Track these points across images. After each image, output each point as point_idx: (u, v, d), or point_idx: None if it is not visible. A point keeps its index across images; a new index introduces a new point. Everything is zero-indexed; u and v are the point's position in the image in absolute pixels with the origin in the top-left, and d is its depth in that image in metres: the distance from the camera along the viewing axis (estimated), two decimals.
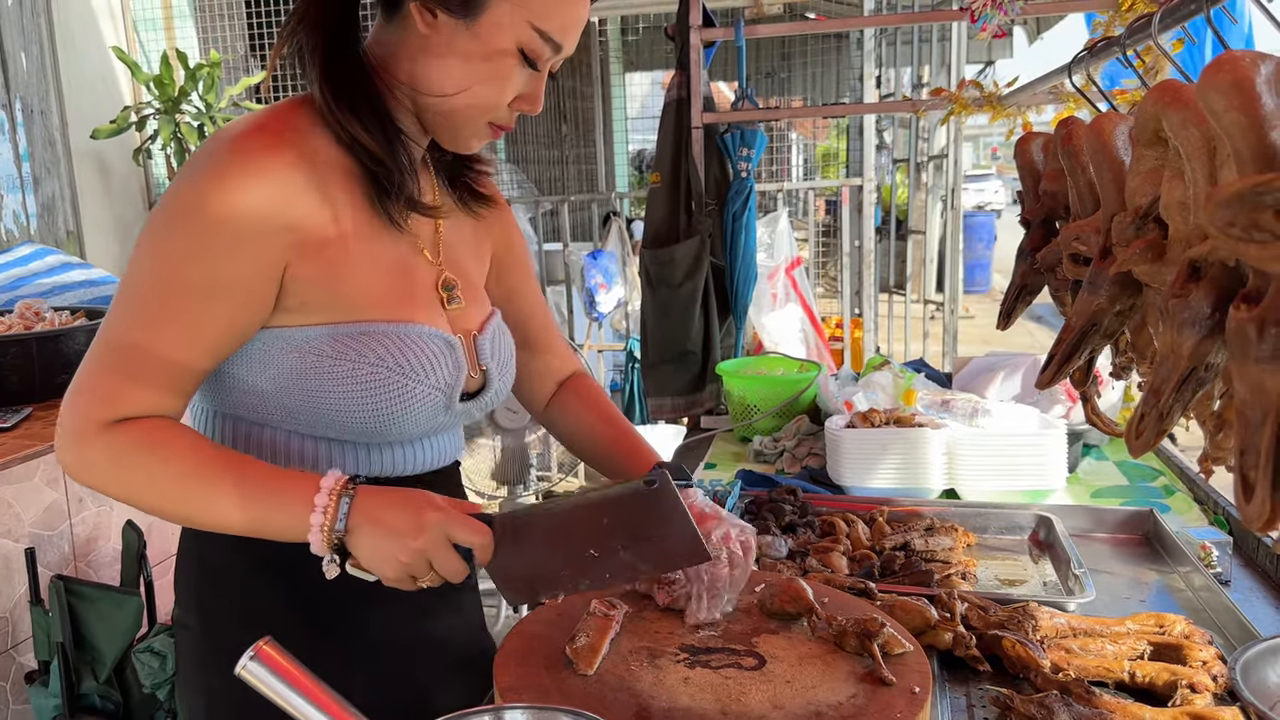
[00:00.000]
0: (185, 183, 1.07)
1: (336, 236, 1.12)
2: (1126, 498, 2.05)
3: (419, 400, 1.17)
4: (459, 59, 1.11)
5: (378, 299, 1.15)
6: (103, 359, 1.06)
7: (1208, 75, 0.67)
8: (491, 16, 1.09)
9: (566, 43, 1.15)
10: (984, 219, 11.90)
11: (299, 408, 1.14)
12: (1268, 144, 0.65)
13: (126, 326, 1.06)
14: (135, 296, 1.07)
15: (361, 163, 1.13)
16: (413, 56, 1.13)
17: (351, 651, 1.24)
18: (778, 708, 1.04)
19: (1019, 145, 1.41)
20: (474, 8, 1.09)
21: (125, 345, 1.05)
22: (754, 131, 2.86)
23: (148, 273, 1.07)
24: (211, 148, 1.07)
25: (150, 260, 1.07)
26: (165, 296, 1.06)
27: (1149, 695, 1.23)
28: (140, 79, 5.12)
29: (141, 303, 1.06)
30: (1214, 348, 0.77)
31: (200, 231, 1.04)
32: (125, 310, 1.06)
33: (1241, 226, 0.60)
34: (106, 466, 1.05)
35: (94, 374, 1.06)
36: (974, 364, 2.52)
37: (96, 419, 1.04)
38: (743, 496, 1.97)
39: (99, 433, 1.04)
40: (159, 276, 1.06)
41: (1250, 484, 0.66)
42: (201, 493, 1.05)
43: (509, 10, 1.09)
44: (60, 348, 2.86)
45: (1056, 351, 1.04)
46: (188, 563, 1.27)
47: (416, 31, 1.11)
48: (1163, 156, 0.87)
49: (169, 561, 2.82)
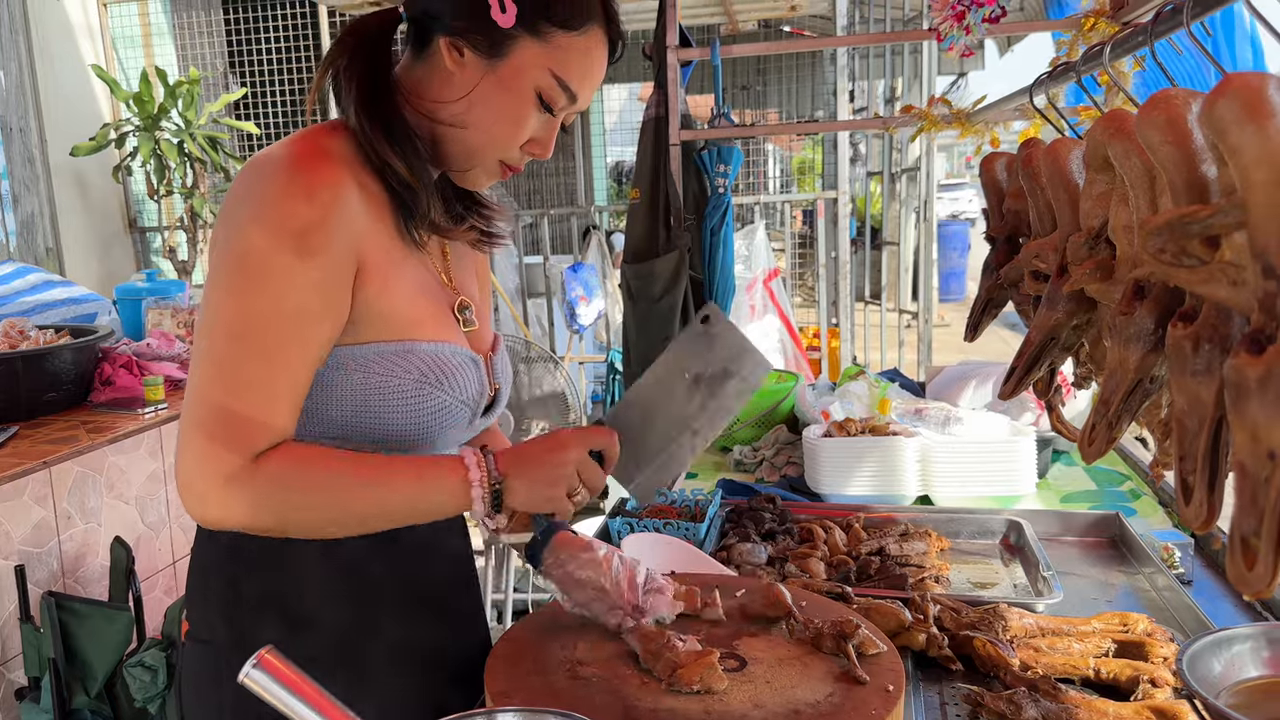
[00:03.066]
0: (257, 210, 1.09)
1: (381, 257, 1.17)
2: (1095, 502, 2.11)
3: (453, 414, 1.24)
4: (480, 97, 1.17)
5: (417, 319, 1.20)
6: (220, 407, 1.08)
7: (1144, 112, 0.73)
8: (515, 60, 1.16)
9: (582, 94, 1.21)
10: (958, 228, 12.03)
11: (342, 419, 1.18)
12: (1198, 176, 0.71)
13: (241, 362, 1.08)
14: (241, 331, 1.08)
15: (390, 186, 1.18)
16: (437, 91, 1.19)
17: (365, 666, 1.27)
18: (758, 707, 1.09)
19: (984, 164, 1.47)
20: (500, 50, 1.15)
21: (246, 383, 1.08)
22: (730, 148, 2.92)
23: (241, 316, 1.08)
24: (267, 174, 1.10)
25: (241, 303, 1.09)
26: (276, 323, 1.09)
27: (1113, 690, 1.29)
28: (119, 96, 5.14)
29: (251, 336, 1.08)
30: (1158, 361, 0.82)
31: (291, 251, 1.08)
32: (234, 346, 1.08)
33: (1172, 253, 0.65)
34: (267, 503, 1.09)
35: (219, 424, 1.08)
36: (946, 373, 2.59)
37: (240, 461, 1.07)
38: (723, 505, 2.02)
39: (250, 474, 1.08)
40: (264, 306, 1.08)
41: (1189, 487, 0.72)
42: (360, 503, 1.13)
43: (532, 56, 1.16)
44: (46, 366, 2.88)
45: (1017, 364, 1.09)
46: (208, 579, 1.29)
47: (443, 67, 1.17)
48: (1113, 181, 0.93)
49: (157, 577, 2.85)
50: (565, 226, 7.56)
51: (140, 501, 2.83)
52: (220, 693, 1.27)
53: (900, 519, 1.90)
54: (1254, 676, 1.07)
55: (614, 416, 1.25)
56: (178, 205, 5.58)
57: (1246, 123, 0.62)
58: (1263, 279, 0.62)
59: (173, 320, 3.58)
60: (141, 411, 2.93)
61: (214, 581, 1.28)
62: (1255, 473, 0.63)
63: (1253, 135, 0.62)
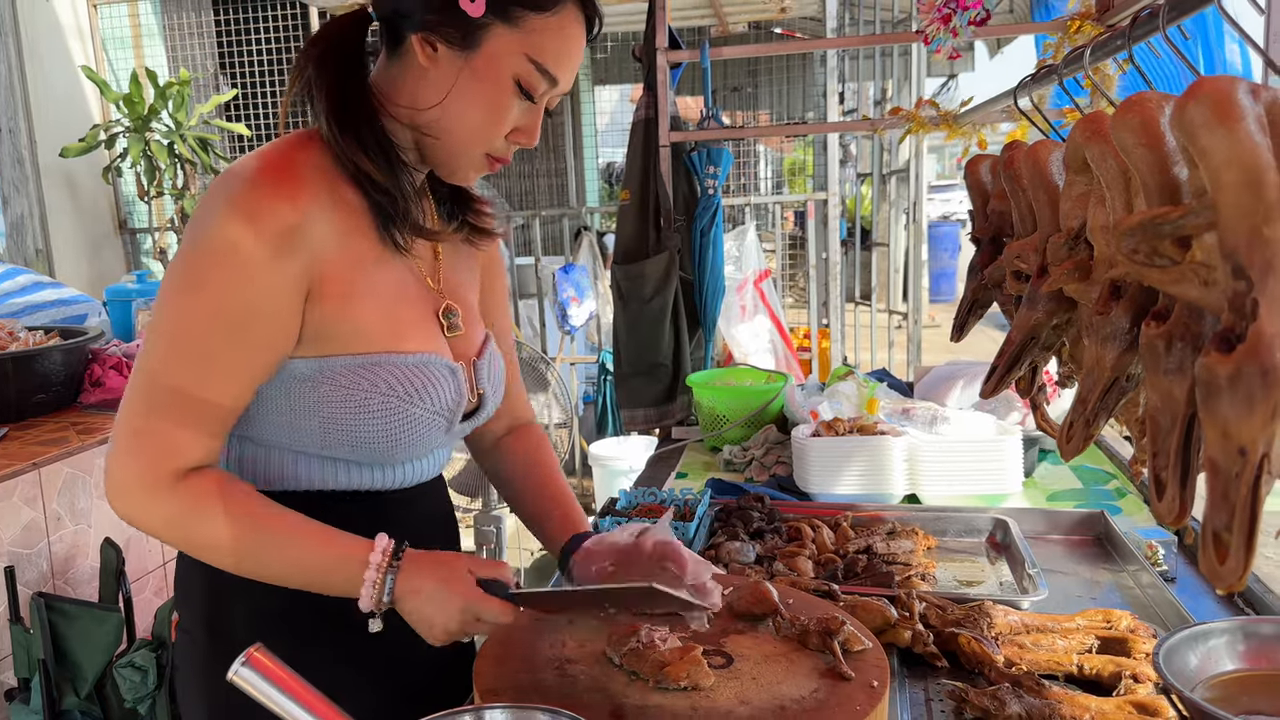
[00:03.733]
0: (208, 223, 1.10)
1: (347, 270, 1.16)
2: (1081, 500, 2.13)
3: (425, 425, 1.23)
4: (458, 91, 1.16)
5: (387, 331, 1.19)
6: (154, 408, 1.10)
7: (1119, 115, 0.74)
8: (489, 49, 1.14)
9: (562, 76, 1.19)
10: (949, 229, 12.06)
11: (310, 431, 1.19)
12: (1171, 178, 0.72)
13: (172, 373, 1.10)
14: (176, 341, 1.10)
15: (367, 193, 1.18)
16: (413, 88, 1.18)
17: (350, 654, 1.28)
18: (744, 703, 1.10)
19: (968, 166, 1.48)
20: (472, 41, 1.14)
21: (174, 392, 1.10)
22: (720, 150, 2.94)
23: (186, 315, 1.10)
24: (229, 186, 1.11)
25: (186, 303, 1.10)
26: (208, 337, 1.10)
27: (1096, 686, 1.31)
28: (109, 97, 5.14)
29: (184, 347, 1.10)
30: (1134, 360, 0.84)
31: (233, 267, 1.08)
32: (168, 356, 1.10)
33: (1144, 253, 0.67)
34: (179, 523, 1.11)
35: (149, 424, 1.10)
36: (934, 373, 2.60)
37: (165, 472, 1.09)
38: (712, 504, 2.03)
39: (170, 487, 1.09)
40: (198, 318, 1.09)
41: (1162, 483, 0.73)
42: (266, 557, 1.14)
43: (506, 43, 1.14)
44: (36, 367, 2.88)
45: (998, 363, 1.11)
46: (193, 572, 1.30)
47: (417, 64, 1.16)
48: (1091, 182, 0.95)
49: (147, 578, 2.85)
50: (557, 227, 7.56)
51: None
52: (209, 684, 1.28)
53: (887, 518, 1.91)
54: (1230, 670, 1.08)
55: (526, 598, 1.20)
56: (168, 207, 5.58)
57: (1216, 126, 0.63)
58: (1232, 279, 0.63)
59: None
60: None
61: (196, 576, 1.28)
62: (1226, 469, 0.64)
63: (1222, 138, 0.63)
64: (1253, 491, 0.63)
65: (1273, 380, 0.60)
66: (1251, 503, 0.63)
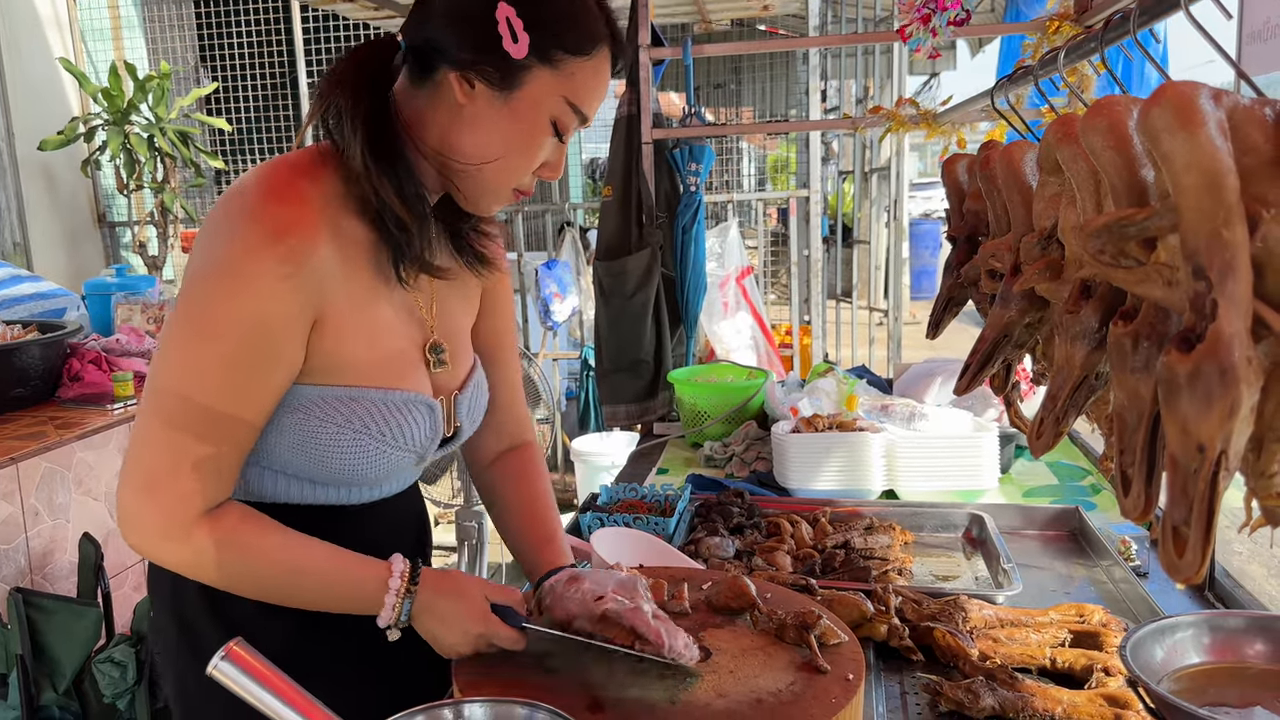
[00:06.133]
0: (223, 246, 1.09)
1: (344, 303, 1.15)
2: (1056, 496, 2.16)
3: (393, 462, 1.24)
4: (495, 130, 1.15)
5: (370, 366, 1.19)
6: (174, 445, 1.08)
7: (1087, 118, 0.76)
8: (529, 91, 1.13)
9: (591, 114, 1.20)
10: (931, 226, 12.12)
11: (285, 453, 1.19)
12: (1138, 180, 0.73)
13: (193, 401, 1.08)
14: (196, 377, 1.08)
15: (381, 227, 1.16)
16: (446, 124, 1.16)
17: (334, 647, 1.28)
18: (721, 696, 1.12)
19: (945, 165, 1.50)
20: (513, 82, 1.13)
21: (194, 422, 1.08)
22: (702, 147, 2.95)
23: (207, 341, 1.08)
24: (243, 211, 1.09)
25: (206, 328, 1.08)
26: (230, 372, 1.08)
27: (1069, 679, 1.33)
28: (88, 90, 5.09)
29: (205, 383, 1.08)
30: (1103, 358, 0.85)
31: (254, 294, 1.07)
32: (188, 390, 1.08)
33: (1110, 254, 0.68)
34: (198, 564, 1.12)
35: (173, 464, 1.08)
36: (913, 370, 2.62)
37: (186, 519, 1.09)
38: (693, 500, 2.04)
39: (189, 533, 1.09)
40: (221, 344, 1.08)
41: (1128, 479, 0.75)
42: (288, 589, 1.17)
43: (546, 85, 1.14)
44: (13, 362, 2.86)
45: (972, 361, 1.12)
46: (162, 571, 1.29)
47: (451, 99, 1.14)
48: (1064, 183, 0.96)
49: (126, 573, 2.84)
50: (540, 223, 7.56)
51: (109, 498, 2.82)
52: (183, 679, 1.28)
53: (865, 513, 1.93)
54: (1195, 663, 1.10)
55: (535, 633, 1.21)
56: (148, 200, 5.54)
57: (1178, 130, 0.65)
58: (1193, 280, 0.65)
59: (142, 316, 3.56)
60: (110, 407, 2.91)
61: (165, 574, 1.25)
62: (1185, 465, 0.66)
63: (1184, 142, 0.65)
64: (1210, 487, 0.64)
65: (1230, 379, 0.62)
66: (1209, 498, 0.64)
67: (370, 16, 5.50)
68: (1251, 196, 0.65)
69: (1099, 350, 0.85)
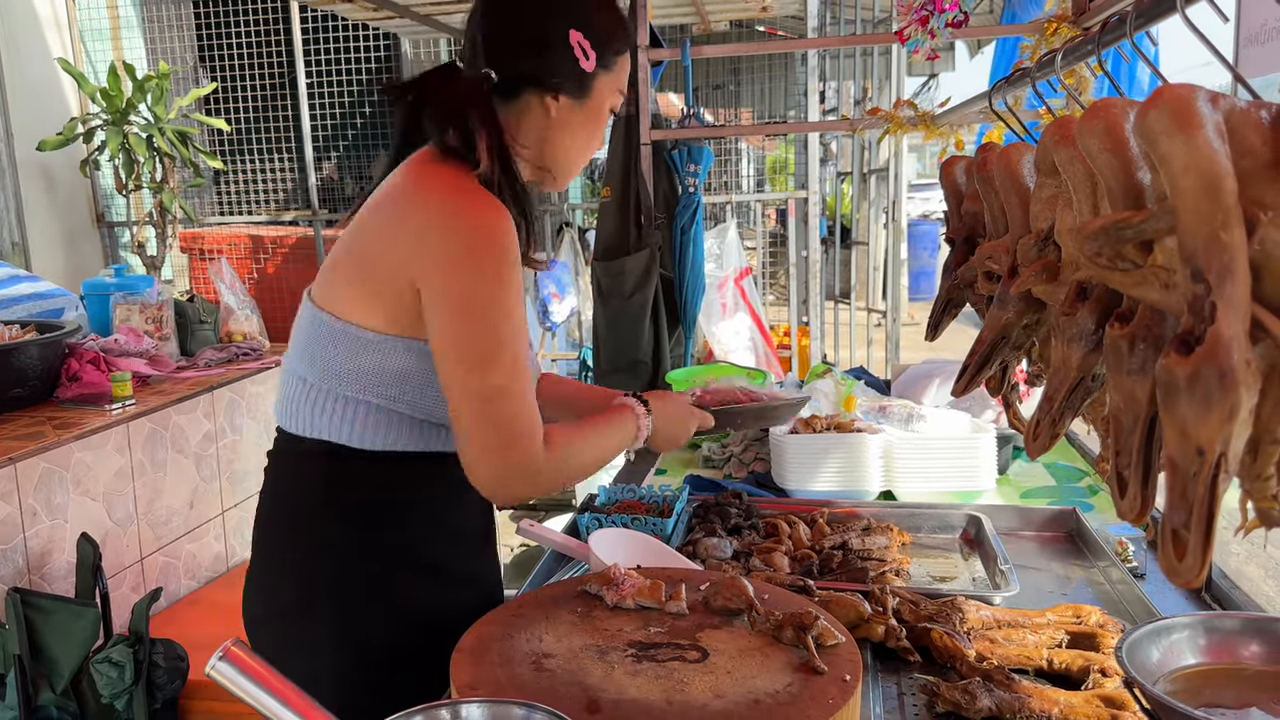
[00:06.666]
0: (480, 230, 1.29)
1: None
2: (1054, 497, 2.16)
3: None
4: (580, 129, 1.45)
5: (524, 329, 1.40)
6: (523, 395, 1.30)
7: (1084, 121, 0.76)
8: (598, 92, 1.43)
9: None
10: (929, 227, 12.13)
11: (415, 397, 1.37)
12: (1134, 182, 0.74)
13: (506, 372, 1.29)
14: (504, 343, 1.29)
15: (520, 217, 1.38)
16: (540, 132, 1.43)
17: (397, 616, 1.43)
18: (719, 697, 1.12)
19: (943, 167, 1.50)
20: (586, 90, 1.42)
21: (511, 385, 1.29)
22: (701, 148, 2.95)
23: (500, 326, 1.29)
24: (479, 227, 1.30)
25: (498, 296, 1.29)
26: (515, 338, 1.31)
27: (1065, 680, 1.33)
28: (87, 90, 5.09)
29: (513, 347, 1.30)
30: (1100, 360, 0.86)
31: (513, 279, 1.31)
32: (504, 353, 1.29)
33: (1107, 256, 0.68)
34: (553, 479, 1.36)
35: (527, 411, 1.31)
36: (911, 371, 2.63)
37: (536, 449, 1.31)
38: (691, 500, 2.04)
39: (537, 465, 1.31)
40: (510, 305, 1.30)
41: (1124, 480, 0.75)
42: (604, 449, 1.48)
43: (607, 84, 1.44)
44: (12, 362, 2.86)
45: (969, 362, 1.13)
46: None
47: (541, 114, 1.41)
48: (1060, 185, 0.96)
49: (124, 573, 2.84)
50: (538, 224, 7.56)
51: (107, 498, 2.82)
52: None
53: (863, 514, 1.93)
54: (1191, 664, 1.11)
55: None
56: (146, 200, 5.53)
57: (1176, 133, 0.65)
58: (1191, 282, 0.65)
59: (141, 316, 3.56)
60: (109, 407, 2.91)
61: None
62: (1184, 468, 0.66)
63: (1181, 145, 0.65)
64: (1210, 490, 0.64)
65: (1229, 382, 0.62)
66: (1209, 501, 0.64)
67: (369, 17, 5.50)
68: (1249, 199, 0.65)
69: (1095, 352, 0.85)
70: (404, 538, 1.43)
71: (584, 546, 1.66)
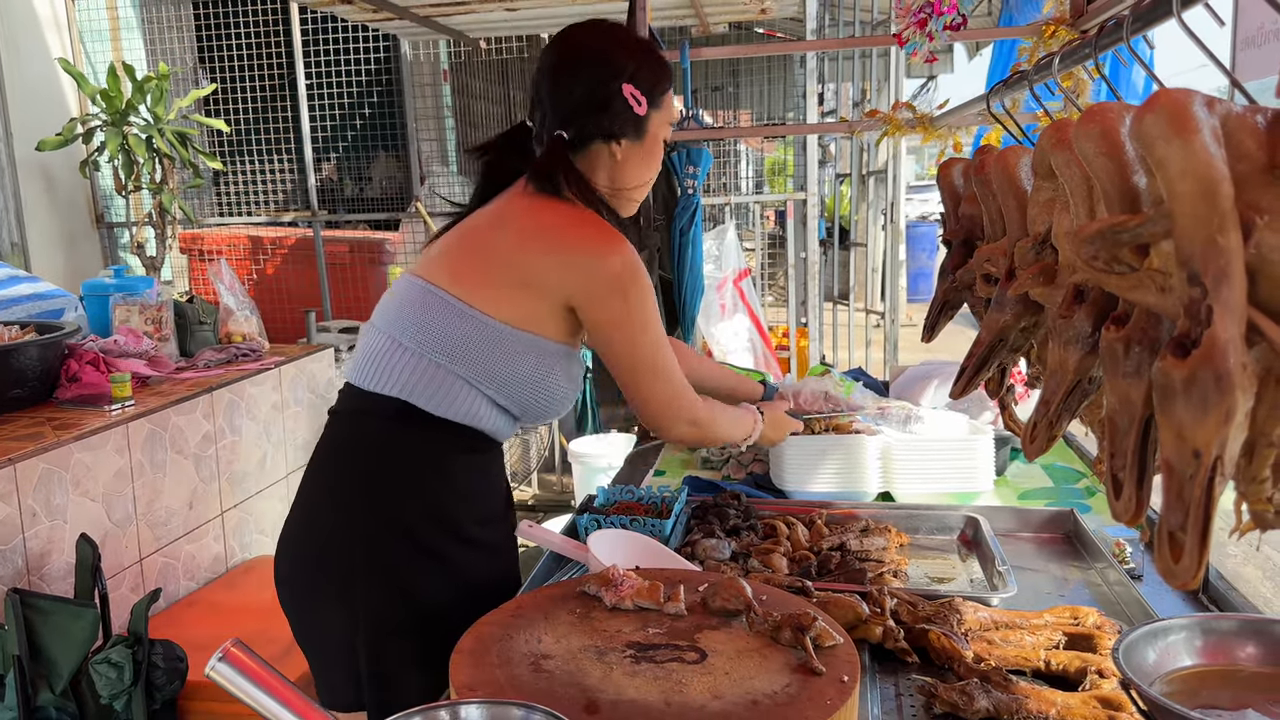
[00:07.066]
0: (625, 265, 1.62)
1: None
2: (1052, 499, 2.16)
3: (568, 403, 1.74)
4: (641, 164, 1.70)
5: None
6: (673, 368, 1.70)
7: (1080, 124, 0.76)
8: (652, 130, 1.68)
9: None
10: (927, 229, 12.13)
11: (515, 388, 1.62)
12: (1130, 186, 0.74)
13: (668, 353, 1.69)
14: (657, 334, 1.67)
15: None
16: (609, 173, 1.68)
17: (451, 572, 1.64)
18: (717, 697, 1.12)
19: (941, 170, 1.51)
20: (643, 131, 1.67)
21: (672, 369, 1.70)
22: (700, 150, 2.95)
23: (657, 328, 1.68)
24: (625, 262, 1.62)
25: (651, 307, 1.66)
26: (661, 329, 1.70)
27: (1063, 681, 1.34)
28: (87, 91, 5.09)
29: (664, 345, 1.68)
30: (1096, 363, 0.86)
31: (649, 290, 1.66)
32: (659, 338, 1.67)
33: (1104, 260, 0.69)
34: (711, 424, 1.79)
35: (681, 378, 1.72)
36: (909, 372, 2.63)
37: (691, 412, 1.73)
38: (689, 502, 2.05)
39: (695, 417, 1.75)
40: (658, 329, 1.68)
41: (1120, 482, 0.75)
42: (732, 432, 1.89)
43: (658, 120, 1.68)
44: (11, 362, 2.86)
45: (967, 364, 1.13)
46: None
47: (609, 157, 1.67)
48: (1058, 188, 0.97)
49: (124, 574, 2.84)
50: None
51: (107, 499, 2.82)
52: None
53: (861, 515, 1.94)
54: (1188, 665, 1.11)
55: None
56: (146, 201, 5.54)
57: (1172, 137, 0.65)
58: (1188, 286, 0.65)
59: (140, 317, 3.56)
60: (108, 408, 2.91)
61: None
62: (1181, 470, 0.66)
63: (1178, 149, 0.65)
64: (1206, 493, 0.65)
65: (1226, 385, 0.62)
66: (1205, 504, 0.65)
67: (369, 18, 5.50)
68: (1245, 203, 0.65)
69: (1092, 354, 0.86)
70: (437, 502, 1.62)
71: (583, 547, 1.66)
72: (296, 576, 1.68)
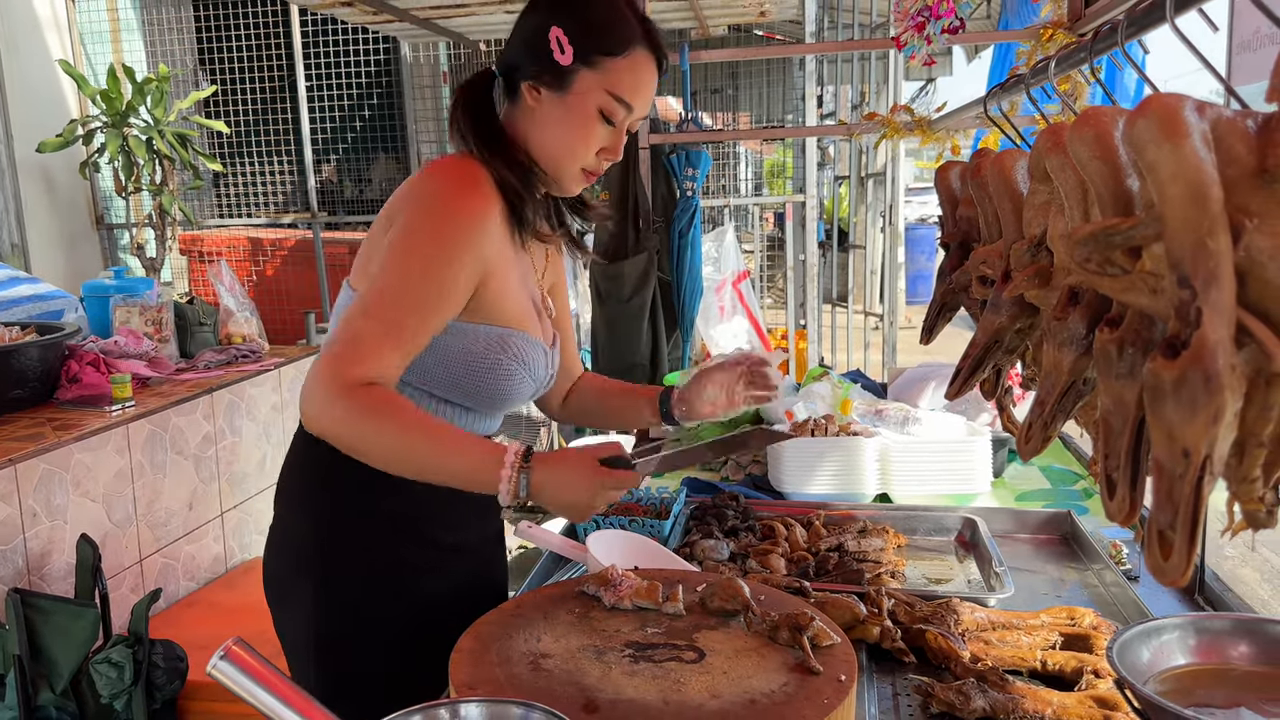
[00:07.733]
0: (444, 199, 1.41)
1: (504, 265, 1.48)
2: (1049, 500, 2.17)
3: (524, 389, 1.56)
4: (558, 124, 1.48)
5: (517, 313, 1.51)
6: (370, 317, 1.35)
7: (1074, 128, 0.77)
8: (578, 89, 1.45)
9: (637, 104, 1.49)
10: (926, 231, 12.13)
11: (442, 376, 1.48)
12: (1124, 190, 0.75)
13: (396, 297, 1.36)
14: (409, 275, 1.36)
15: (508, 199, 1.47)
16: (527, 126, 1.50)
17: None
18: (715, 697, 1.13)
19: (939, 172, 1.51)
20: (566, 84, 1.46)
21: (392, 310, 1.35)
22: (699, 152, 2.96)
23: (423, 258, 1.37)
24: (440, 191, 1.42)
25: (427, 249, 1.37)
26: (424, 289, 1.37)
27: (1059, 681, 1.34)
28: (87, 92, 5.10)
29: (414, 281, 1.36)
30: (1091, 364, 0.87)
31: (469, 232, 1.40)
32: (400, 284, 1.36)
33: (1097, 262, 0.70)
34: (353, 422, 1.31)
35: (362, 330, 1.34)
36: (907, 374, 2.64)
37: (352, 377, 1.31)
38: (688, 503, 2.05)
39: (350, 391, 1.30)
40: (432, 263, 1.37)
41: (1113, 483, 0.76)
42: (420, 459, 1.35)
43: (590, 83, 1.45)
44: (11, 363, 2.87)
45: (963, 366, 1.14)
46: None
47: (528, 106, 1.48)
48: (1053, 192, 0.98)
49: (124, 574, 2.85)
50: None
51: (107, 499, 2.83)
52: None
53: (859, 516, 1.95)
54: (1181, 664, 1.12)
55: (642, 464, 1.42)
56: (146, 202, 5.55)
57: (1163, 141, 0.66)
58: (1178, 288, 0.66)
59: (140, 318, 3.57)
60: (109, 409, 2.92)
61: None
62: (1171, 469, 0.67)
63: (1168, 153, 0.66)
64: (1195, 492, 0.65)
65: (1214, 386, 0.63)
66: (1194, 502, 0.66)
67: (369, 20, 5.51)
68: (1235, 206, 0.66)
69: (1086, 356, 0.86)
70: (399, 504, 1.51)
71: (582, 548, 1.67)
72: (268, 577, 1.66)
